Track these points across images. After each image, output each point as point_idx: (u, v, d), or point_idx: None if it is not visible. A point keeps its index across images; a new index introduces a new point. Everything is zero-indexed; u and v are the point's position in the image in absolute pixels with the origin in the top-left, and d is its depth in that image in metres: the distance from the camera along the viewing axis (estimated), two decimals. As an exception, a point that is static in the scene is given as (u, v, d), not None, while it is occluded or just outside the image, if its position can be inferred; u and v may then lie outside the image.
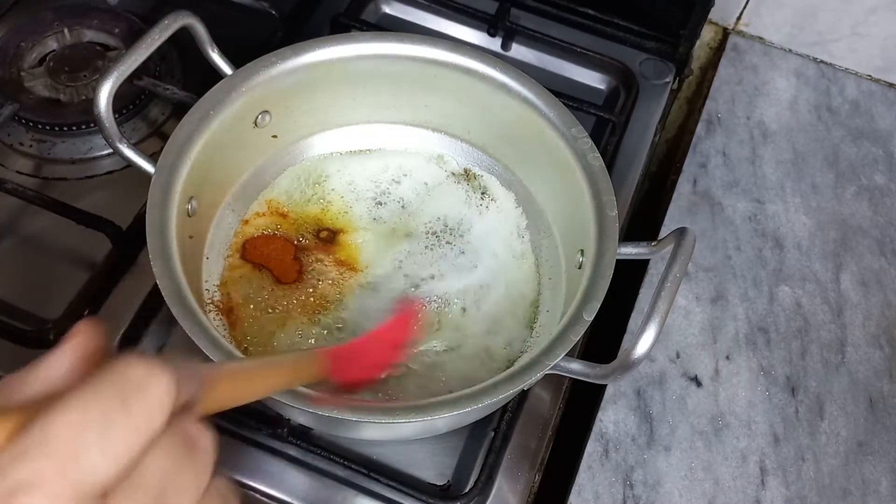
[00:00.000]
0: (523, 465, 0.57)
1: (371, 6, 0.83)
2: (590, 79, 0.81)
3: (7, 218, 0.65)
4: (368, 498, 0.55)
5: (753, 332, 0.66)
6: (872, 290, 0.70)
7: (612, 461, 0.59)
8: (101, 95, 0.51)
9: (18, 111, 0.68)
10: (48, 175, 0.68)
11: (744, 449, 0.61)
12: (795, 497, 0.59)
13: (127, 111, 0.70)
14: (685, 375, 0.64)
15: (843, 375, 0.65)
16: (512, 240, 0.63)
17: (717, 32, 0.88)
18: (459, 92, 0.61)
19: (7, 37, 0.73)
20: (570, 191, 0.56)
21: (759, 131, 0.79)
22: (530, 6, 0.82)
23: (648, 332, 0.45)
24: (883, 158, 0.78)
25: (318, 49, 0.59)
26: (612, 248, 0.52)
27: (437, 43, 0.60)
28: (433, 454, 0.57)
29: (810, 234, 0.72)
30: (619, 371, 0.46)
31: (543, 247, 0.62)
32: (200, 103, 0.55)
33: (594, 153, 0.56)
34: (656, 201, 0.82)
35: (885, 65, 0.83)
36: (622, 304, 0.65)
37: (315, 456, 0.56)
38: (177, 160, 0.52)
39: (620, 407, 0.62)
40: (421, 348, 0.57)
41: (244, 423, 0.56)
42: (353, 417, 0.44)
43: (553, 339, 0.48)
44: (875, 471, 0.61)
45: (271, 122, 0.60)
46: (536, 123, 0.58)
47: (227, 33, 0.59)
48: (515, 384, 0.46)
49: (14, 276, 0.62)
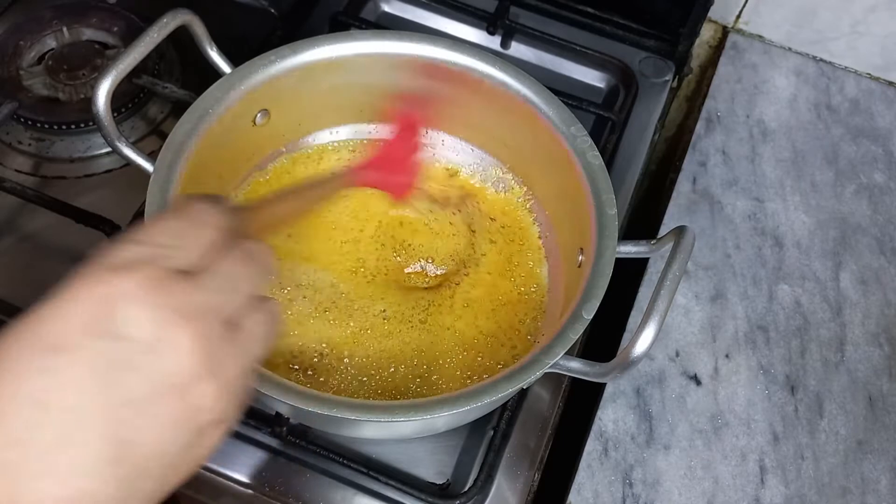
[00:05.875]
0: (523, 464, 0.57)
1: (370, 4, 0.83)
2: (589, 77, 0.81)
3: (6, 216, 0.64)
4: (368, 497, 0.55)
5: (753, 330, 0.66)
6: (872, 289, 0.70)
7: (611, 460, 0.59)
8: (100, 94, 0.51)
9: (17, 110, 0.68)
10: (47, 173, 0.68)
11: (743, 447, 0.61)
12: (795, 496, 0.59)
13: (126, 109, 0.70)
14: (685, 374, 0.64)
15: (842, 374, 0.65)
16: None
17: (716, 31, 0.88)
18: (459, 90, 0.61)
19: (6, 35, 0.73)
20: (570, 189, 0.56)
21: (758, 130, 0.79)
22: (530, 4, 0.82)
23: (648, 331, 0.44)
24: (882, 157, 0.78)
25: (317, 47, 0.58)
26: (612, 246, 0.51)
27: (437, 41, 0.60)
28: (433, 453, 0.57)
29: (810, 233, 0.72)
30: (619, 369, 0.46)
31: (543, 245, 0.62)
32: (199, 102, 0.55)
33: (593, 151, 0.56)
34: (656, 200, 0.82)
35: (884, 63, 0.83)
36: (621, 303, 0.65)
37: (314, 455, 0.56)
38: (175, 159, 0.52)
39: (620, 405, 0.62)
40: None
41: (243, 421, 0.56)
42: (353, 416, 0.44)
43: (552, 338, 0.47)
44: (874, 469, 0.61)
45: (270, 120, 0.60)
46: (536, 122, 0.58)
47: (225, 31, 0.59)
48: (515, 383, 0.46)
49: (12, 275, 0.62)
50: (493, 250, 0.62)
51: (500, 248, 0.62)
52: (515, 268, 0.61)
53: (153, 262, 0.30)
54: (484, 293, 0.60)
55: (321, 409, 0.44)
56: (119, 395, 0.28)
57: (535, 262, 0.62)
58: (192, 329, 0.29)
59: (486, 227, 0.63)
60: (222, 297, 0.32)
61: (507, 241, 0.63)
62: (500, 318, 0.59)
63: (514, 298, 0.60)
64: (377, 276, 0.60)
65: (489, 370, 0.56)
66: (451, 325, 0.58)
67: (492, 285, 0.60)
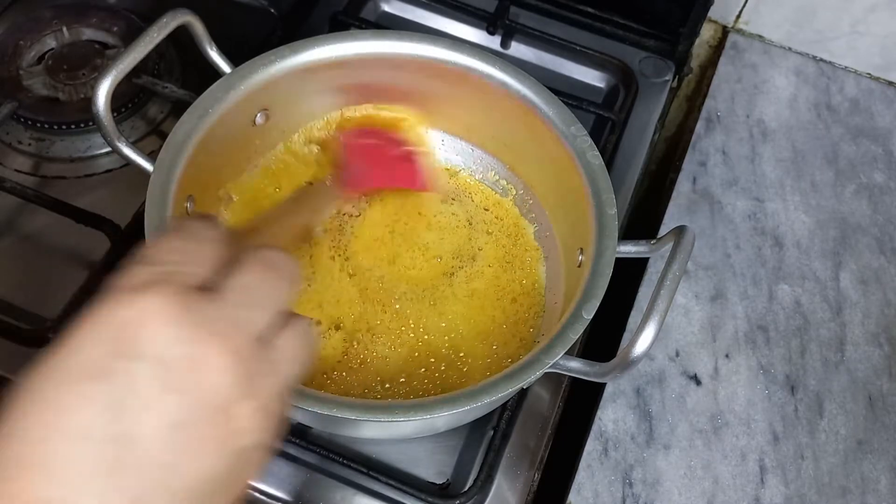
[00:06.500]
0: (523, 464, 0.57)
1: (370, 4, 0.83)
2: (589, 77, 0.81)
3: (6, 216, 0.64)
4: (368, 496, 0.55)
5: (753, 330, 0.66)
6: (872, 289, 0.70)
7: (611, 460, 0.59)
8: (100, 94, 0.51)
9: (17, 109, 0.68)
10: (47, 173, 0.68)
11: (743, 447, 0.61)
12: (795, 495, 0.59)
13: (125, 109, 0.70)
14: (684, 374, 0.64)
15: (842, 374, 0.65)
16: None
17: (716, 30, 0.88)
18: (459, 90, 0.61)
19: (6, 35, 0.73)
20: (570, 189, 0.56)
21: (758, 129, 0.79)
22: (530, 4, 0.82)
23: (648, 331, 0.44)
24: (882, 157, 0.78)
25: (317, 47, 0.58)
26: (612, 246, 0.51)
27: (437, 41, 0.60)
28: (432, 453, 0.57)
29: (810, 233, 0.72)
30: (619, 369, 0.46)
31: (542, 245, 0.62)
32: (199, 102, 0.55)
33: (593, 151, 0.56)
34: (656, 200, 0.82)
35: (884, 63, 0.83)
36: (621, 303, 0.65)
37: (314, 454, 0.56)
38: (175, 158, 0.52)
39: (620, 405, 0.62)
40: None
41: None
42: (353, 416, 0.44)
43: (552, 338, 0.47)
44: (874, 469, 0.61)
45: (270, 120, 0.60)
46: (536, 122, 0.58)
47: (225, 31, 0.59)
48: (515, 383, 0.46)
49: (13, 275, 0.62)
50: (491, 246, 0.62)
51: (497, 246, 0.62)
52: (514, 267, 0.61)
53: (169, 281, 0.29)
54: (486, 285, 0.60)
55: (321, 409, 0.44)
56: (162, 418, 0.27)
57: (534, 261, 0.62)
58: (222, 345, 0.28)
59: (486, 227, 0.63)
60: (247, 311, 0.30)
61: (506, 239, 0.63)
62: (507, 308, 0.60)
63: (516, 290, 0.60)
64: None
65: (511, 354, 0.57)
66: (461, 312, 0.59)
67: (493, 277, 0.61)
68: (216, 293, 0.30)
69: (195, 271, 0.30)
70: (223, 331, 0.29)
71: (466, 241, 0.62)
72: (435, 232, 0.63)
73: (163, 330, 0.28)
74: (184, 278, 0.30)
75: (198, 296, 0.29)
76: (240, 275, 0.31)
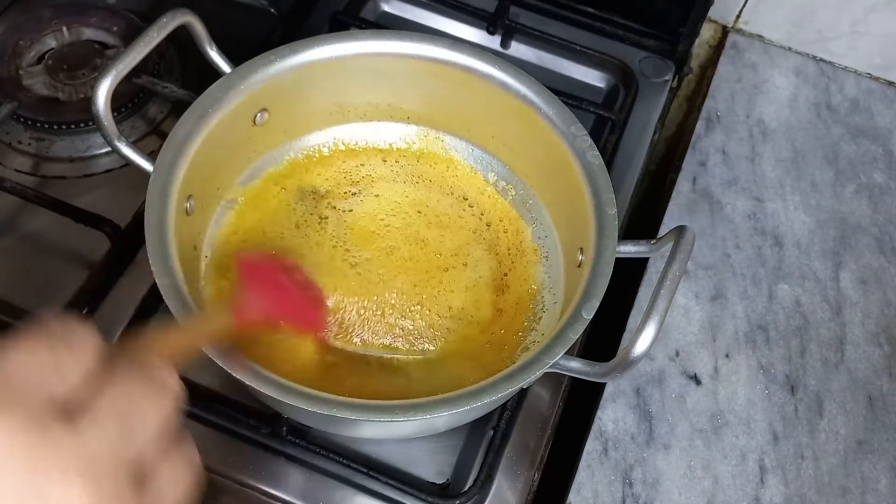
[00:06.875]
0: (522, 464, 0.57)
1: (370, 4, 0.83)
2: (589, 77, 0.81)
3: (6, 216, 0.64)
4: (367, 496, 0.55)
5: (753, 330, 0.66)
6: (872, 289, 0.70)
7: (611, 459, 0.59)
8: (100, 93, 0.51)
9: (17, 109, 0.68)
10: (47, 173, 0.68)
11: (743, 447, 0.61)
12: (795, 495, 0.59)
13: (125, 109, 0.70)
14: (684, 374, 0.64)
15: (842, 374, 0.65)
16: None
17: (716, 30, 0.88)
18: (458, 90, 0.61)
19: (6, 35, 0.73)
20: (570, 189, 0.56)
21: (758, 129, 0.79)
22: (530, 4, 0.82)
23: (648, 331, 0.44)
24: (882, 156, 0.78)
25: (317, 47, 0.58)
26: (612, 246, 0.51)
27: (437, 41, 0.60)
28: (432, 453, 0.57)
29: (810, 233, 0.72)
30: (619, 369, 0.46)
31: (542, 245, 0.62)
32: (199, 101, 0.55)
33: (593, 151, 0.56)
34: (655, 199, 0.82)
35: (884, 63, 0.83)
36: (621, 303, 0.65)
37: (314, 454, 0.56)
38: (175, 158, 0.52)
39: (620, 405, 0.62)
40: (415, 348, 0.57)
41: (243, 421, 0.56)
42: (353, 416, 0.44)
43: (552, 338, 0.48)
44: (874, 469, 0.61)
45: (270, 120, 0.60)
46: (536, 121, 0.58)
47: (225, 31, 0.59)
48: (515, 383, 0.46)
49: (12, 275, 0.62)
50: (490, 246, 0.62)
51: (497, 246, 0.62)
52: (514, 267, 0.61)
53: (24, 402, 0.24)
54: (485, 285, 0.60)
55: (321, 409, 0.44)
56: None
57: (533, 261, 0.62)
58: (82, 487, 0.24)
59: (486, 227, 0.63)
60: (116, 439, 0.26)
61: (506, 239, 0.63)
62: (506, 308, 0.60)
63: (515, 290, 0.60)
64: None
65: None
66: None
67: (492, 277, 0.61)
68: (81, 414, 0.26)
69: (58, 389, 0.26)
70: (84, 468, 0.24)
71: (466, 240, 0.62)
72: (435, 229, 0.63)
73: (8, 465, 0.23)
74: (43, 397, 0.25)
75: (57, 421, 0.25)
76: (112, 391, 0.27)
